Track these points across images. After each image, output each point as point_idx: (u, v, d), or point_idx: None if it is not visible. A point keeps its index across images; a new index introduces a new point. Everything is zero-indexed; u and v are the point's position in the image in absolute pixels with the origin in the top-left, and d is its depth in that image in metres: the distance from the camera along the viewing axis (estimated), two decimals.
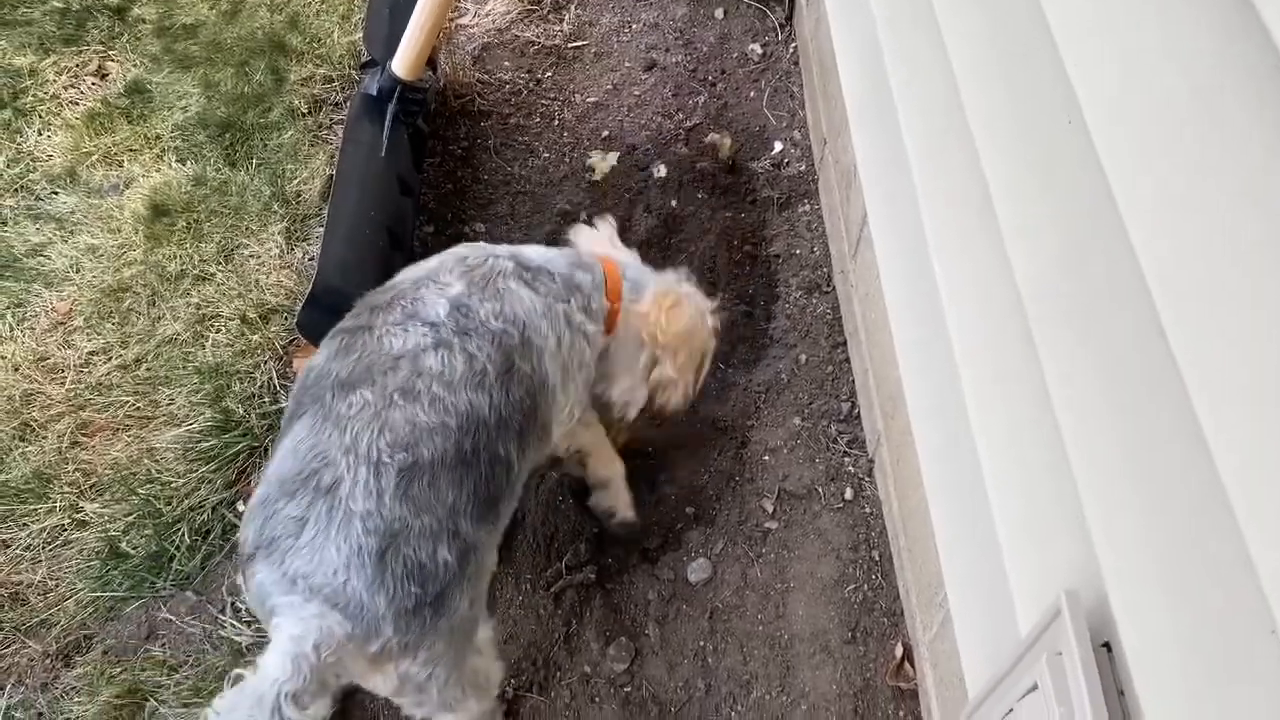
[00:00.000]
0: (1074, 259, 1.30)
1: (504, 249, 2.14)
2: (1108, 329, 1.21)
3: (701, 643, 2.40)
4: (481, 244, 2.17)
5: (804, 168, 3.24)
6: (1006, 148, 1.55)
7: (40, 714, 2.33)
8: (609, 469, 2.48)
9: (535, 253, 2.18)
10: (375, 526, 1.67)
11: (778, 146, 3.31)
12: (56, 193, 3.29)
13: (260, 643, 2.40)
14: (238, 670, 1.61)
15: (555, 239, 3.13)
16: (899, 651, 2.33)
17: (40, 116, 3.50)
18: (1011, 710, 1.38)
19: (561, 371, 2.08)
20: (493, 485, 1.85)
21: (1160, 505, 1.10)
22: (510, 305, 1.99)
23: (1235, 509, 0.90)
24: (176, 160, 3.33)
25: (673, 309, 2.28)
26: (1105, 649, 1.21)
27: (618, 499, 2.51)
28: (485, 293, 1.99)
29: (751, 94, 3.46)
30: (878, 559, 2.48)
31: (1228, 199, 0.95)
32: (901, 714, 2.27)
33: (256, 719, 1.52)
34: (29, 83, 3.59)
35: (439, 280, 2.00)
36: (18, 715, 2.33)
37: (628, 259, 2.40)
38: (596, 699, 2.34)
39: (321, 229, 2.91)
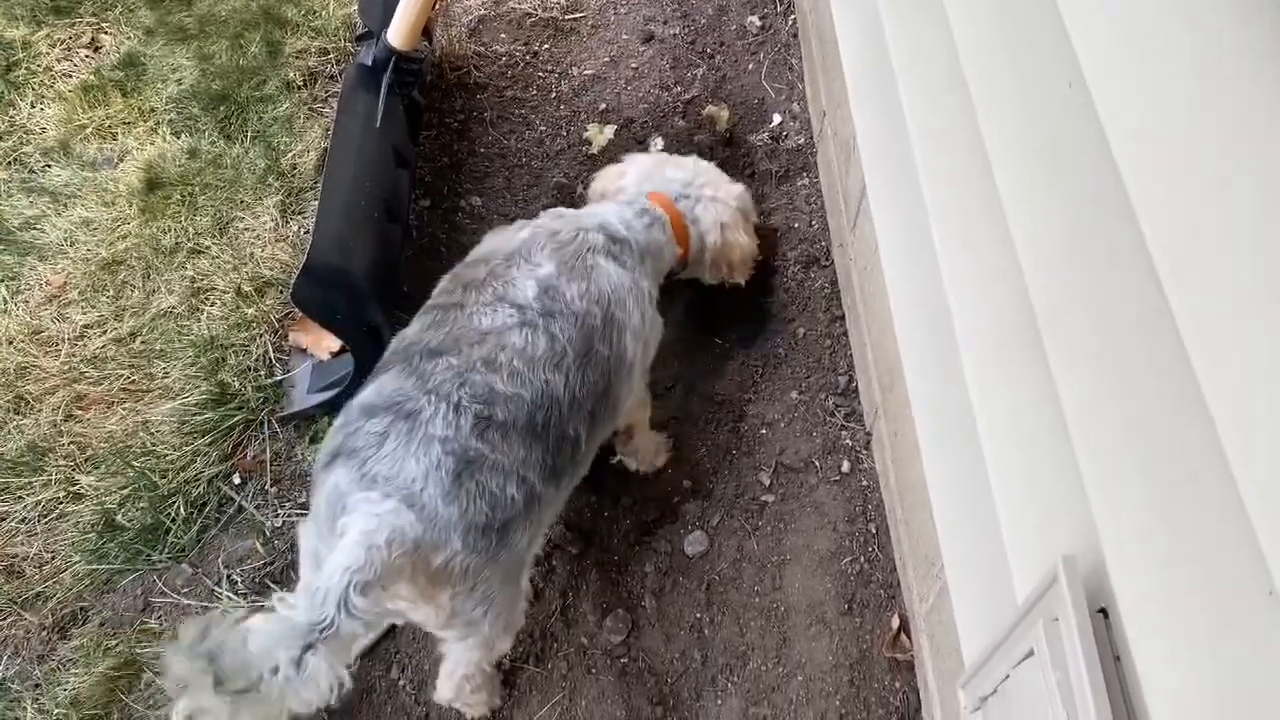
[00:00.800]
0: (1076, 234, 1.29)
1: (591, 219, 2.28)
2: (1109, 297, 1.20)
3: (698, 614, 2.40)
4: (567, 213, 2.33)
5: (803, 140, 3.22)
6: (1008, 120, 1.53)
7: (37, 685, 2.33)
8: (644, 440, 2.57)
9: (618, 218, 2.32)
10: (453, 450, 1.75)
11: (776, 119, 3.29)
12: (50, 166, 3.27)
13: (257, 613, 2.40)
14: (281, 594, 1.58)
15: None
16: (895, 623, 2.33)
17: (33, 89, 3.47)
18: (1008, 676, 1.38)
19: (642, 347, 2.21)
20: (559, 459, 1.94)
21: (1158, 472, 1.09)
22: (597, 283, 2.11)
23: (1234, 473, 0.89)
24: (171, 133, 3.31)
25: (733, 247, 2.59)
26: (1102, 615, 1.21)
27: (647, 456, 2.60)
28: (574, 272, 2.10)
29: (750, 66, 3.44)
30: (874, 531, 2.48)
31: (1231, 169, 0.94)
32: (898, 685, 2.28)
33: (322, 613, 1.51)
34: (21, 55, 3.56)
35: (531, 259, 2.11)
36: (14, 687, 2.33)
37: (676, 179, 2.58)
38: (593, 670, 2.35)
39: (316, 202, 2.89)
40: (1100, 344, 1.22)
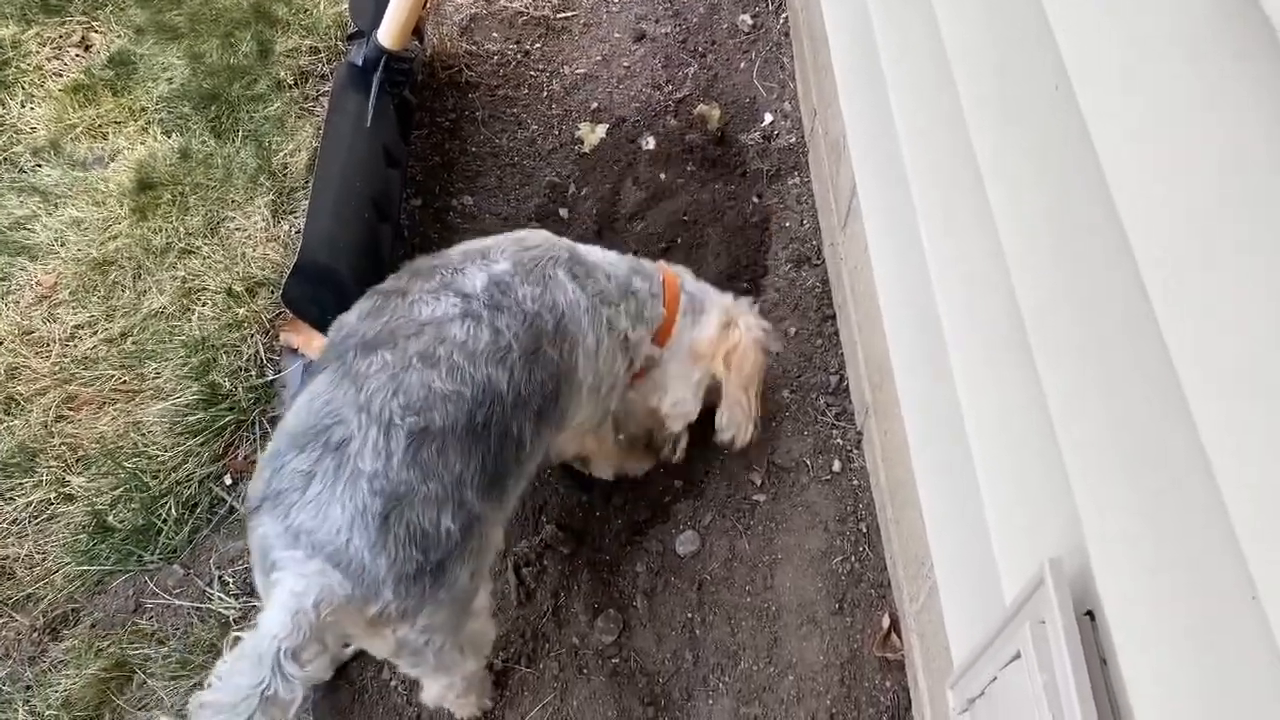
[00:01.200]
0: (1062, 234, 1.29)
1: (565, 242, 2.13)
2: (1095, 300, 1.20)
3: (689, 614, 2.41)
4: (545, 231, 2.17)
5: (794, 139, 3.22)
6: (996, 123, 1.53)
7: (28, 687, 2.33)
8: (606, 470, 2.54)
9: (596, 253, 2.18)
10: (381, 488, 1.66)
11: (768, 118, 3.29)
12: (40, 165, 3.26)
13: (249, 614, 2.40)
14: (235, 633, 1.61)
15: (543, 211, 3.12)
16: (886, 622, 2.34)
17: (23, 88, 3.46)
18: (995, 678, 1.38)
19: (594, 375, 2.08)
20: (501, 461, 1.84)
21: (1143, 475, 1.10)
22: (552, 294, 1.99)
23: (1218, 479, 0.89)
24: (162, 132, 3.30)
25: (736, 351, 2.29)
26: (1088, 617, 1.21)
27: (614, 466, 2.57)
28: (530, 276, 1.98)
29: (742, 65, 3.44)
30: (865, 530, 2.48)
31: (1217, 172, 0.95)
32: (888, 684, 2.28)
33: (258, 676, 1.52)
34: (11, 54, 3.54)
35: (487, 256, 1.99)
36: (5, 689, 2.32)
37: (688, 277, 2.39)
38: (584, 670, 2.35)
39: (307, 202, 2.88)
40: (1086, 346, 1.22)
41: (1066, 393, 1.28)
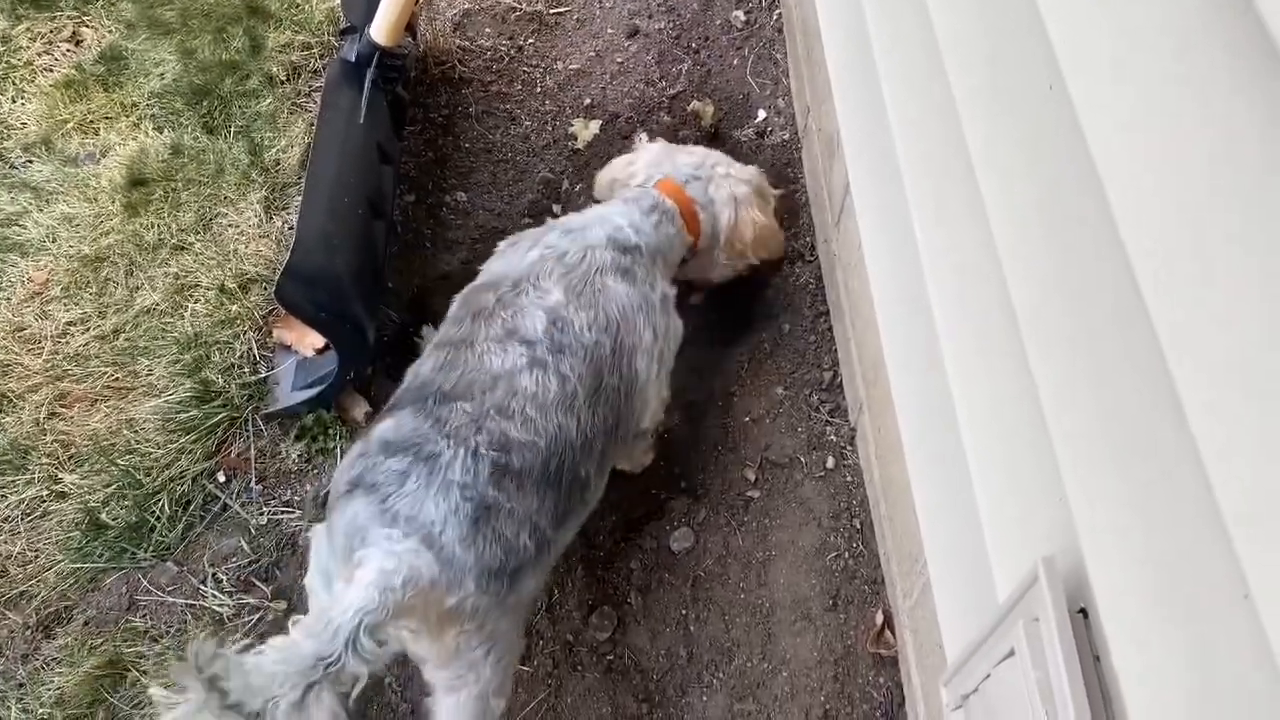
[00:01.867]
0: (1054, 224, 1.30)
1: (599, 230, 2.26)
2: (1089, 297, 1.20)
3: (684, 611, 2.41)
4: (575, 224, 2.30)
5: (787, 136, 3.22)
6: (988, 115, 1.54)
7: (21, 685, 2.33)
8: (639, 463, 2.59)
9: (626, 221, 2.31)
10: (471, 496, 1.79)
11: (761, 114, 3.29)
12: (31, 161, 3.24)
13: (242, 611, 2.40)
14: (297, 616, 1.61)
15: (536, 207, 3.12)
16: (879, 619, 2.34)
17: (14, 84, 3.44)
18: (989, 676, 1.39)
19: (657, 363, 2.23)
20: (569, 501, 1.98)
21: (1137, 473, 1.10)
22: (605, 310, 2.13)
23: (1210, 476, 0.90)
24: (153, 128, 3.29)
25: (749, 233, 2.57)
26: (1082, 615, 1.22)
27: (637, 458, 2.59)
28: (581, 299, 2.11)
29: (735, 61, 3.43)
30: (859, 527, 2.49)
31: (1206, 162, 0.95)
32: (881, 680, 2.29)
33: (329, 649, 1.53)
34: (1, 49, 3.52)
35: (539, 285, 2.12)
36: None
37: (686, 164, 2.56)
38: (579, 667, 2.35)
39: (300, 198, 2.88)
40: (1078, 339, 1.22)
41: (1058, 385, 1.28)
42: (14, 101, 3.40)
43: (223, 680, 1.45)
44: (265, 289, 2.87)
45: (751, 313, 2.87)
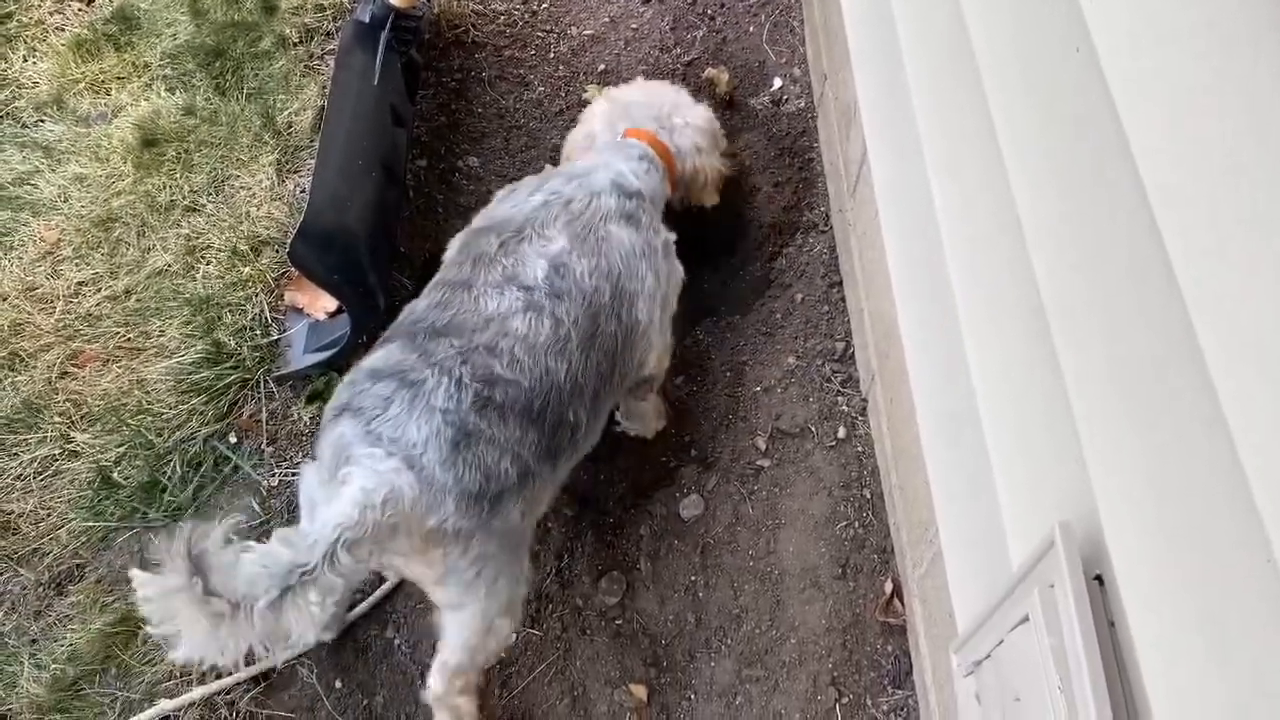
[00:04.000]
0: (1077, 193, 1.28)
1: (603, 176, 2.28)
2: (1109, 261, 1.19)
3: (693, 577, 2.42)
4: (579, 172, 2.31)
5: (803, 104, 3.19)
6: (1012, 81, 1.52)
7: (34, 640, 2.34)
8: (652, 403, 2.55)
9: (629, 169, 2.34)
10: (453, 421, 1.81)
11: (777, 83, 3.26)
12: (43, 120, 3.23)
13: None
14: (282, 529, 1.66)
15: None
16: (888, 588, 2.35)
17: (25, 42, 3.42)
18: (1002, 642, 1.39)
19: (659, 308, 2.23)
20: (555, 441, 1.97)
21: (1156, 438, 1.09)
22: (608, 256, 2.13)
23: (1234, 441, 0.89)
24: (165, 89, 3.27)
25: (707, 170, 2.63)
26: (1097, 581, 1.21)
27: (649, 421, 2.59)
28: (585, 245, 2.12)
29: (751, 29, 3.40)
30: (869, 497, 2.48)
31: (1232, 127, 0.94)
32: (890, 648, 2.30)
33: (305, 558, 1.59)
34: (13, 7, 3.50)
35: (543, 233, 2.12)
36: (11, 642, 2.34)
37: (646, 114, 2.58)
38: (588, 631, 2.36)
39: (313, 161, 2.86)
40: (1097, 302, 1.21)
41: (1076, 349, 1.27)
42: (25, 60, 3.38)
43: (206, 568, 1.52)
44: (277, 251, 2.87)
45: (765, 282, 2.86)
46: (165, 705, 2.23)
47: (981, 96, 1.57)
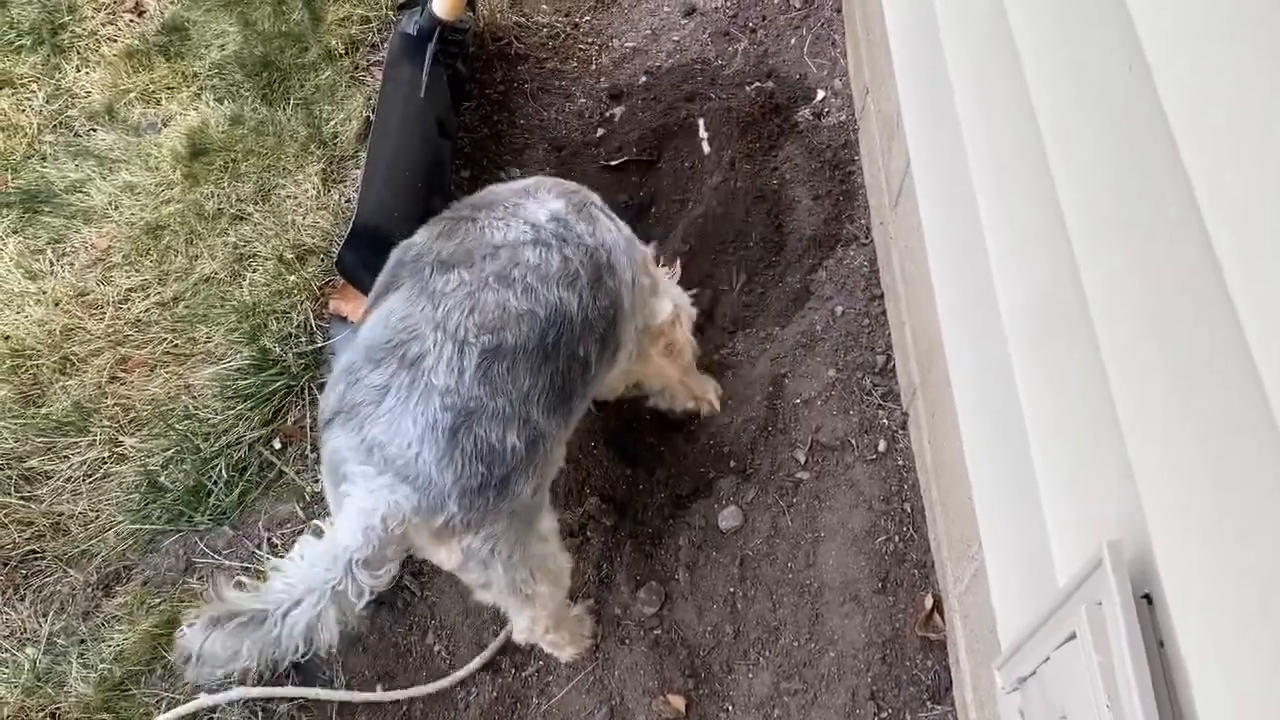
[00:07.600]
0: (1128, 202, 1.28)
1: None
2: (1161, 267, 1.19)
3: (731, 589, 2.42)
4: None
5: (844, 117, 3.19)
6: (1062, 93, 1.51)
7: (82, 640, 2.39)
8: (663, 377, 2.52)
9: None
10: (452, 403, 1.77)
11: (819, 95, 3.26)
12: (95, 130, 3.30)
13: None
14: (316, 522, 1.72)
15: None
16: (928, 603, 2.33)
17: (78, 53, 3.50)
18: (1048, 659, 1.38)
19: (631, 307, 2.18)
20: (568, 380, 1.94)
21: (1209, 457, 1.08)
22: (601, 232, 2.10)
23: None
24: (214, 99, 3.33)
25: (676, 346, 2.42)
26: (1146, 600, 1.21)
27: (678, 397, 2.57)
28: (581, 214, 2.10)
29: (792, 41, 3.41)
30: (909, 511, 2.47)
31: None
32: (929, 664, 2.28)
33: (333, 574, 1.67)
34: (67, 19, 3.58)
35: (537, 196, 2.11)
36: (60, 641, 2.38)
37: None
38: (626, 640, 2.37)
39: (358, 171, 2.90)
40: (1151, 316, 1.21)
41: (1129, 367, 1.26)
42: (78, 70, 3.46)
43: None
44: (322, 260, 2.91)
45: (805, 295, 2.86)
46: (205, 699, 2.27)
47: (1029, 109, 1.57)
